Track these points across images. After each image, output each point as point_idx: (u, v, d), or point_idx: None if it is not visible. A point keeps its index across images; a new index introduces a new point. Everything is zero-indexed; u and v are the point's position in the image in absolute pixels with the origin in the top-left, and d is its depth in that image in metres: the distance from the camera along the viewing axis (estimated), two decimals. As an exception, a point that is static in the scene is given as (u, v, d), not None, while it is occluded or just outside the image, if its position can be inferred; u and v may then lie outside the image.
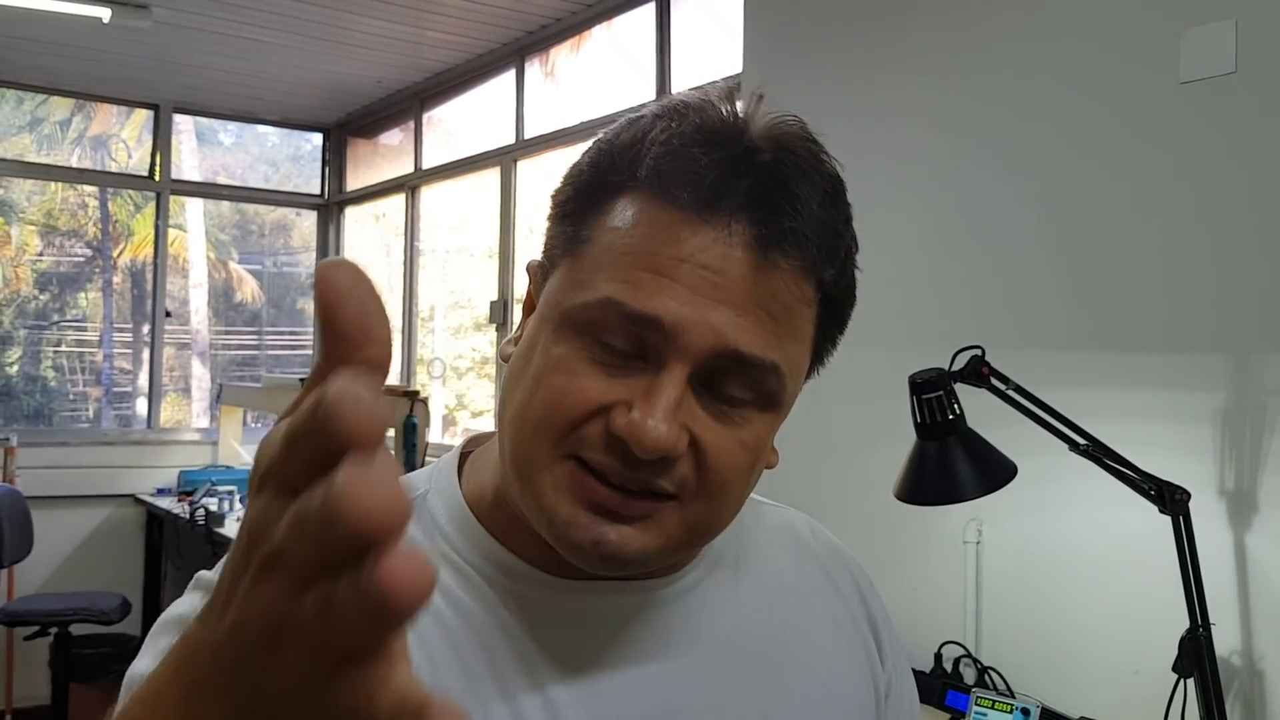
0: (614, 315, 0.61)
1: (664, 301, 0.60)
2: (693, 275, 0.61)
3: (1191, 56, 2.05)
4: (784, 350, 0.64)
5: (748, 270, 0.62)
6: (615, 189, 0.64)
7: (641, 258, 0.61)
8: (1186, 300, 2.06)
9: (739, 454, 0.64)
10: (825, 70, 2.89)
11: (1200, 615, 1.72)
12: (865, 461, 2.61)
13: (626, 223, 0.63)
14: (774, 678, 0.73)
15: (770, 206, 0.62)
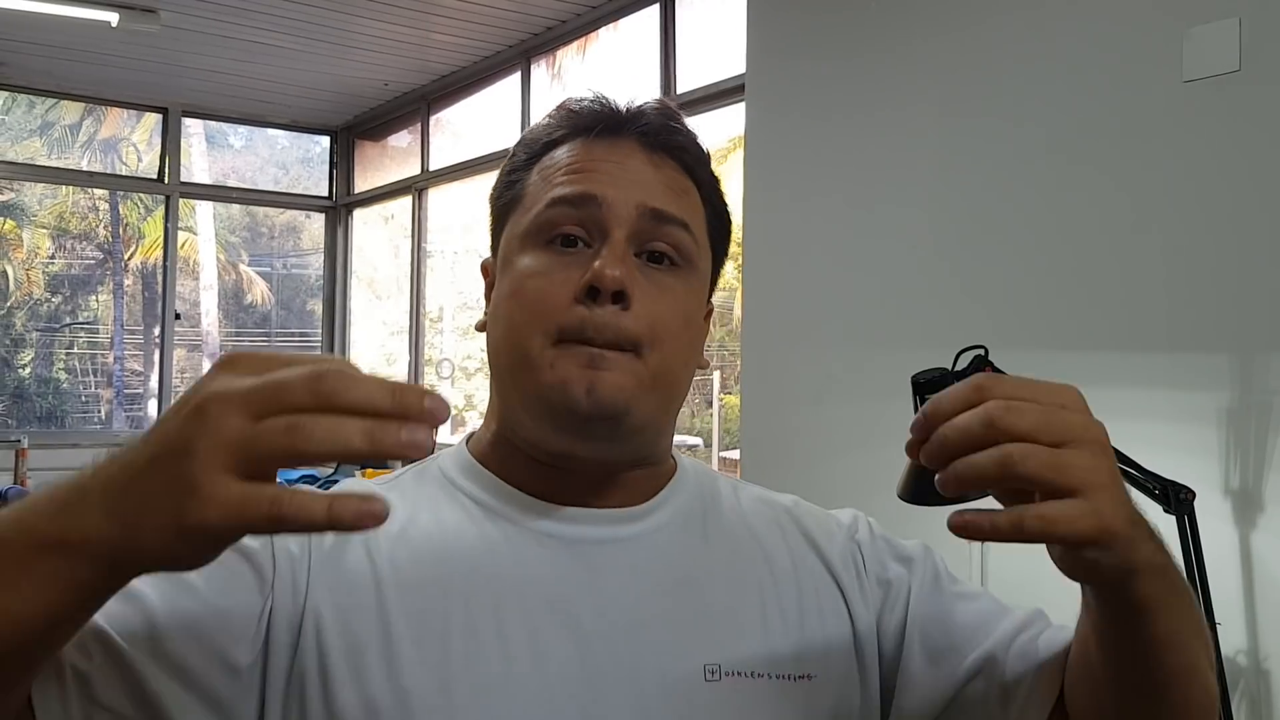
0: (560, 207, 0.79)
1: (593, 184, 0.79)
2: (608, 167, 0.80)
3: (1195, 55, 2.05)
4: (689, 214, 0.82)
5: (645, 163, 0.81)
6: (535, 157, 0.84)
7: (567, 168, 0.81)
8: (1191, 299, 2.06)
9: (672, 306, 0.79)
10: (828, 70, 2.89)
11: (1205, 614, 1.72)
12: (868, 462, 2.61)
13: (551, 160, 0.82)
14: (730, 610, 0.81)
15: (651, 126, 0.82)
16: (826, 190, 2.87)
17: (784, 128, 3.02)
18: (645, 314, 0.77)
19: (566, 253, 0.78)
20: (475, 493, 0.82)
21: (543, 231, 0.79)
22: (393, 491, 0.83)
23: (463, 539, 0.79)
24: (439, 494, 0.83)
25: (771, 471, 2.97)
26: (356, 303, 6.47)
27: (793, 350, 2.91)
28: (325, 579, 0.75)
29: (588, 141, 0.82)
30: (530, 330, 0.77)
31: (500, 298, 0.81)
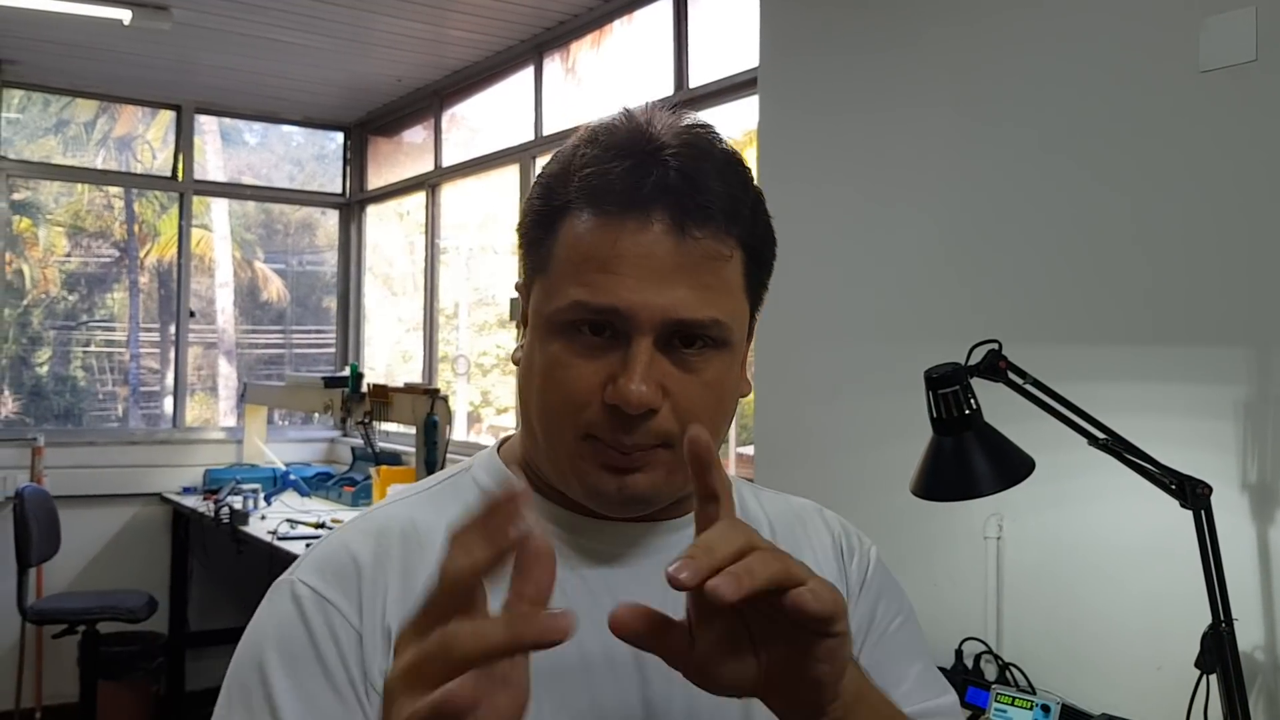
0: (582, 312, 0.78)
1: (616, 293, 0.77)
2: (633, 265, 0.77)
3: (1211, 45, 2.02)
4: (719, 305, 0.79)
5: (672, 247, 0.77)
6: (559, 212, 0.80)
7: (591, 262, 0.78)
8: (1207, 292, 2.03)
9: (704, 393, 0.80)
10: (842, 63, 2.88)
11: (1223, 610, 1.70)
12: (883, 457, 2.60)
13: (574, 237, 0.79)
14: None
15: (677, 192, 0.77)
16: (840, 185, 2.85)
17: (797, 122, 3.01)
18: (678, 410, 0.79)
19: (594, 342, 0.79)
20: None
21: (568, 325, 0.79)
22: (429, 505, 0.88)
23: None
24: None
25: (785, 467, 2.96)
26: (371, 299, 6.48)
27: (806, 346, 2.90)
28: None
29: (609, 221, 0.78)
30: (563, 424, 0.80)
31: (533, 369, 0.82)
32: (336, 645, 0.78)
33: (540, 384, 0.81)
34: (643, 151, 0.78)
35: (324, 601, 0.79)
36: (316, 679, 0.77)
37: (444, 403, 4.13)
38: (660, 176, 0.77)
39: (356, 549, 0.82)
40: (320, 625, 0.78)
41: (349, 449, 5.77)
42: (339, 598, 0.79)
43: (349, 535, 0.85)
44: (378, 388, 4.59)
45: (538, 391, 0.81)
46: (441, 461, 4.03)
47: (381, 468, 4.61)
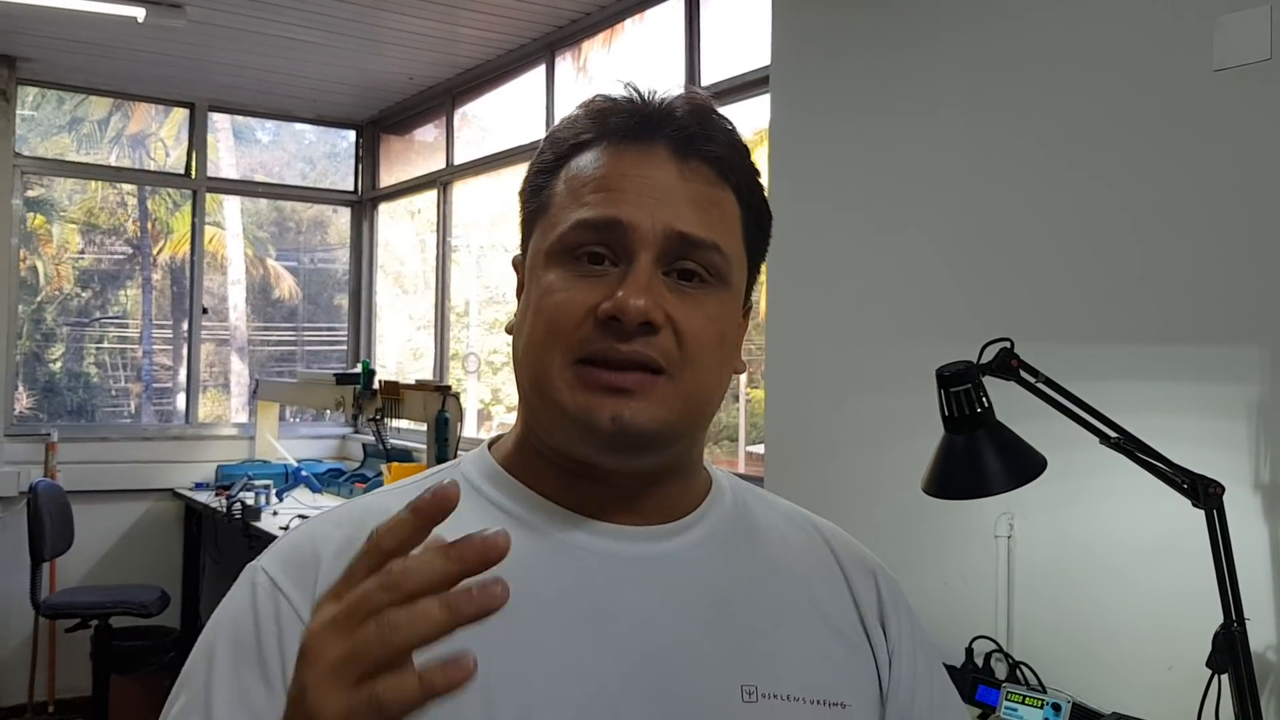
0: (584, 231, 0.77)
1: (619, 207, 0.76)
2: (635, 184, 0.77)
3: (1225, 43, 2.02)
4: (719, 233, 0.78)
5: (675, 172, 0.78)
6: (566, 156, 0.81)
7: (594, 183, 0.78)
8: (1219, 291, 2.03)
9: (706, 324, 0.78)
10: (853, 61, 2.87)
11: (1235, 610, 1.69)
12: (894, 455, 2.60)
13: (578, 169, 0.79)
14: (767, 631, 0.82)
15: (683, 125, 0.79)
16: (851, 184, 2.85)
17: (809, 121, 3.01)
18: (680, 334, 0.76)
19: (592, 270, 0.77)
20: (504, 502, 0.82)
21: (567, 251, 0.77)
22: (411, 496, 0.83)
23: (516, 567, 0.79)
24: (464, 503, 0.81)
25: (796, 466, 2.96)
26: (382, 297, 6.49)
27: (817, 344, 2.90)
28: None
29: (615, 149, 0.79)
30: (550, 348, 0.76)
31: (524, 311, 0.81)
32: (279, 637, 0.75)
33: (531, 318, 0.78)
34: (649, 103, 0.81)
35: (277, 591, 0.77)
36: (252, 670, 0.75)
37: (455, 399, 4.14)
38: (666, 109, 0.80)
39: (321, 540, 0.80)
40: (268, 615, 0.76)
41: (360, 445, 5.78)
42: (293, 589, 0.77)
43: (318, 525, 0.83)
44: (389, 384, 4.60)
45: (528, 328, 0.79)
46: (453, 457, 4.03)
47: (393, 464, 4.62)
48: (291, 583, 0.77)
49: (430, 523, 0.55)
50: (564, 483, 0.81)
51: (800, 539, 0.90)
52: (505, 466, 0.84)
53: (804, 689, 0.80)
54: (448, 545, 0.54)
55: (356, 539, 0.76)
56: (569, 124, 0.83)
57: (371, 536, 0.56)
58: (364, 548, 0.56)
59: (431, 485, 0.80)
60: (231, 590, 0.81)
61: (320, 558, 0.79)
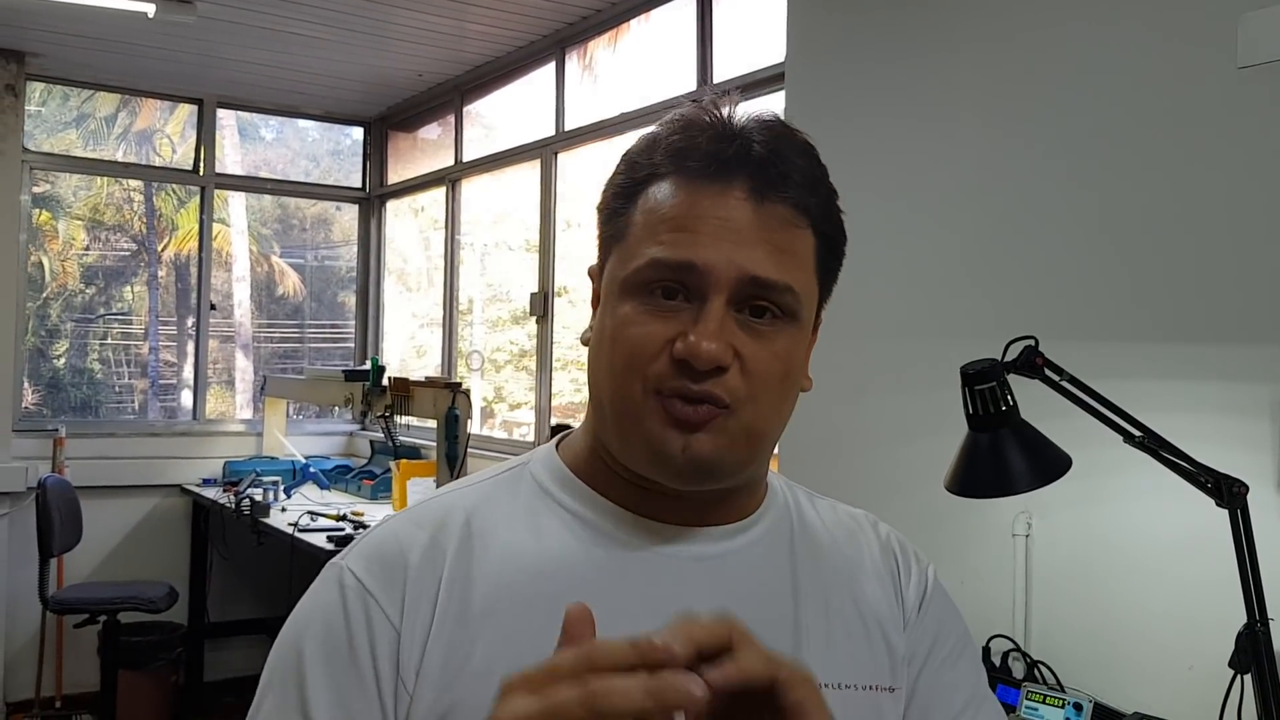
0: (659, 270, 0.78)
1: (693, 250, 0.78)
2: (711, 226, 0.78)
3: (1250, 40, 2.01)
4: (792, 274, 0.80)
5: (750, 214, 0.79)
6: (642, 183, 0.82)
7: (670, 222, 0.79)
8: (1244, 290, 2.03)
9: (773, 362, 0.80)
10: (870, 58, 2.87)
11: (1258, 610, 1.69)
12: (915, 453, 2.59)
13: (654, 203, 0.80)
14: (823, 622, 0.86)
15: (760, 165, 0.79)
16: (871, 182, 2.84)
17: (823, 118, 3.00)
18: (746, 373, 0.79)
19: (665, 305, 0.79)
20: (575, 507, 0.85)
21: (643, 285, 0.79)
22: (487, 497, 0.87)
23: (569, 557, 0.82)
24: (537, 505, 0.85)
25: (813, 465, 2.96)
26: (388, 295, 6.49)
27: (836, 342, 2.87)
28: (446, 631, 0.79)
29: (692, 185, 0.80)
30: (631, 378, 0.79)
31: (603, 336, 0.82)
32: (371, 641, 0.78)
33: (610, 345, 0.81)
34: (726, 128, 0.81)
35: (366, 594, 0.79)
36: (349, 672, 0.77)
37: (465, 396, 4.14)
38: (743, 147, 0.79)
39: (407, 541, 0.82)
40: (359, 618, 0.78)
41: (368, 442, 5.78)
42: (382, 592, 0.79)
43: (403, 525, 0.85)
44: (398, 381, 4.59)
45: (607, 354, 0.81)
46: (462, 455, 4.04)
47: (401, 461, 4.62)
48: (380, 585, 0.80)
49: (650, 666, 0.56)
50: (631, 492, 0.84)
51: (847, 528, 0.96)
52: (575, 471, 0.87)
53: (857, 676, 0.85)
54: (650, 680, 0.55)
55: (441, 539, 0.82)
56: (646, 150, 0.83)
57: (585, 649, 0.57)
58: (575, 654, 0.57)
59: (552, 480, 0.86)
60: (314, 589, 0.83)
61: (407, 560, 0.81)
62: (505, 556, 0.82)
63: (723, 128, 0.81)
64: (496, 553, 0.82)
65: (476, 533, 0.83)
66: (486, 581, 0.81)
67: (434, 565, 0.81)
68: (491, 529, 0.84)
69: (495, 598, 0.80)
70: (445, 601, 0.79)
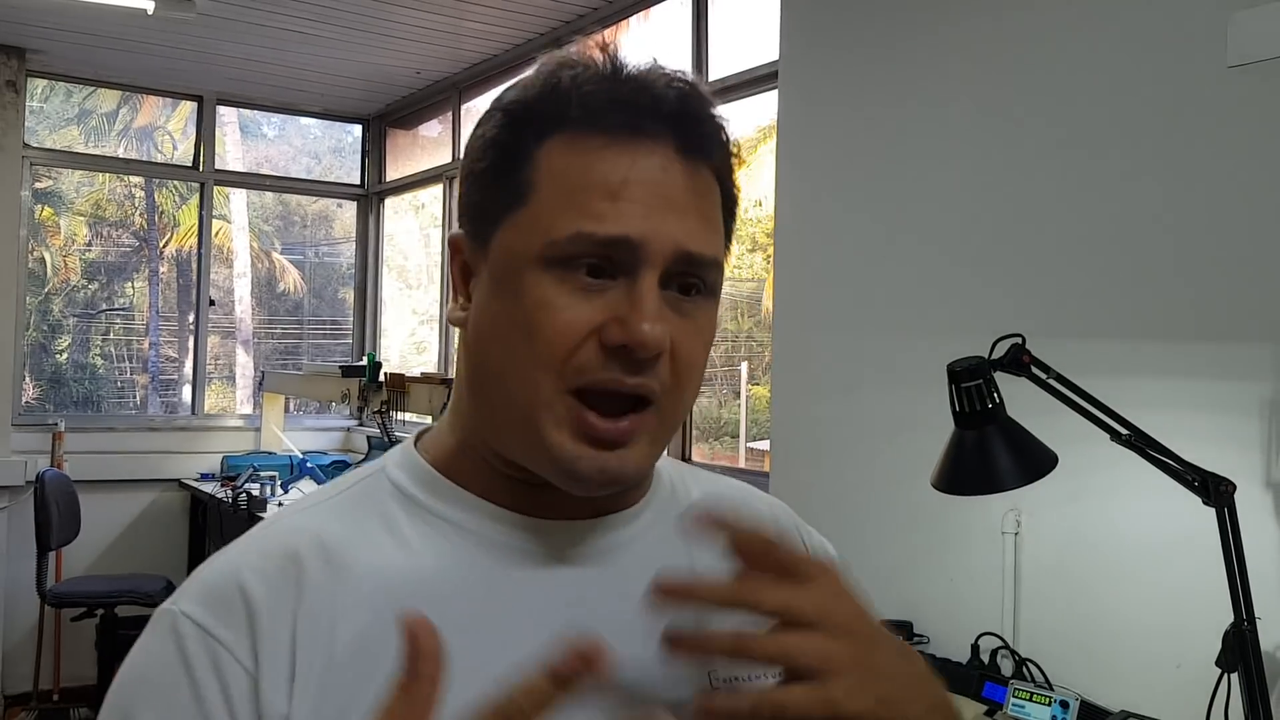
0: (585, 245, 0.68)
1: (627, 221, 0.68)
2: (643, 192, 0.68)
3: (1240, 40, 2.01)
4: (717, 245, 0.73)
5: (681, 177, 0.70)
6: (540, 135, 0.70)
7: (594, 188, 0.68)
8: (1232, 288, 2.03)
9: (698, 344, 0.72)
10: (863, 56, 2.87)
11: (1245, 609, 1.69)
12: (903, 451, 2.59)
13: (568, 162, 0.69)
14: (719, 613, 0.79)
15: (684, 119, 0.70)
16: (861, 178, 2.84)
17: (817, 116, 3.00)
18: (676, 362, 0.71)
19: (590, 284, 0.68)
20: (447, 511, 0.75)
21: (564, 261, 0.68)
22: (339, 516, 0.75)
23: (447, 571, 0.72)
24: (401, 514, 0.75)
25: (802, 462, 2.96)
26: (387, 291, 6.49)
27: (824, 340, 2.89)
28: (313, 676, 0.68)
29: (615, 143, 0.69)
30: (542, 370, 0.69)
31: (504, 321, 0.71)
32: (223, 690, 0.66)
33: (519, 333, 0.69)
34: (637, 75, 0.71)
35: (208, 637, 0.68)
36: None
37: (462, 393, 4.13)
38: (665, 99, 0.70)
39: (248, 575, 0.70)
40: (204, 665, 0.67)
41: (365, 438, 5.79)
42: (227, 633, 0.68)
43: (242, 557, 0.72)
44: (395, 377, 4.60)
45: (514, 343, 0.69)
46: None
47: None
48: (223, 624, 0.68)
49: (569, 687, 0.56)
50: (513, 489, 0.75)
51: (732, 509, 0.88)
52: (442, 470, 0.77)
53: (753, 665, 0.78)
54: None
55: (290, 571, 0.70)
56: (541, 98, 0.71)
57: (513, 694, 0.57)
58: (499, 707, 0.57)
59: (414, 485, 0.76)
60: (142, 645, 0.71)
61: (250, 597, 0.69)
62: (371, 581, 0.71)
63: (634, 74, 0.71)
64: (360, 578, 0.71)
65: (334, 558, 0.71)
66: (354, 614, 0.69)
67: (285, 603, 0.69)
68: (350, 550, 0.72)
69: (366, 633, 0.68)
70: (307, 644, 0.68)
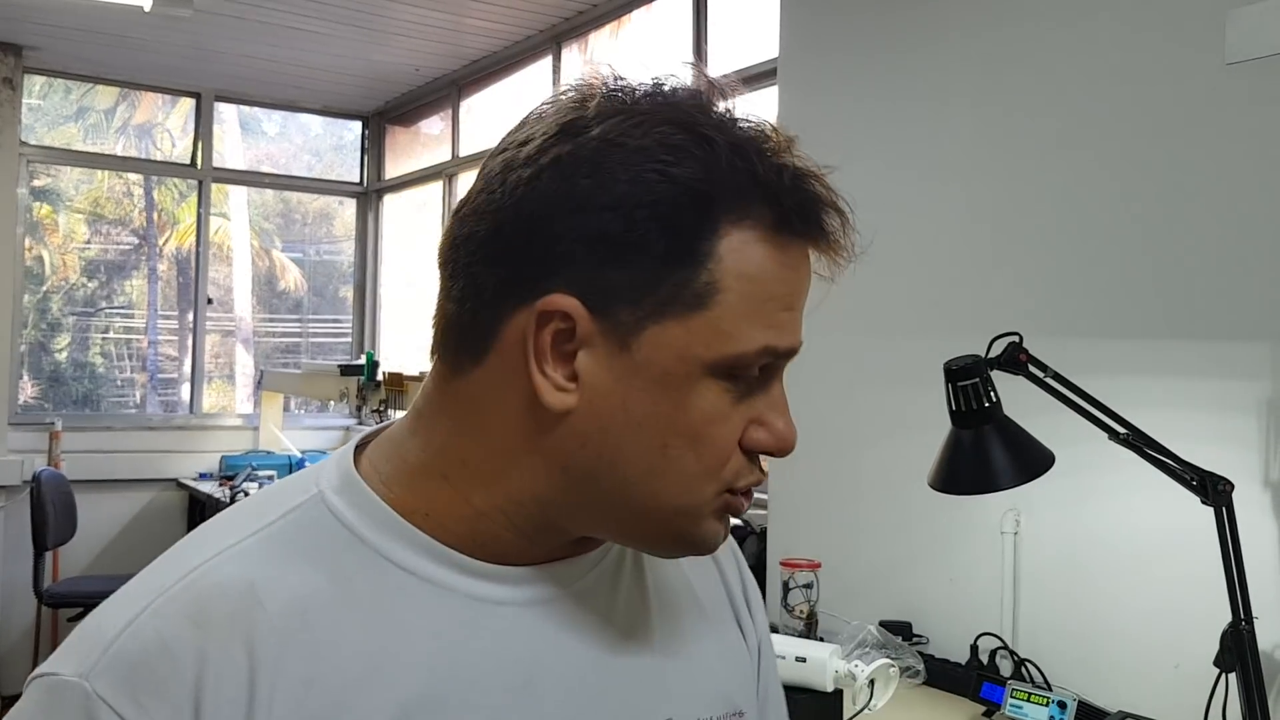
0: (766, 358, 0.65)
1: (797, 330, 0.67)
2: (801, 299, 0.67)
3: (1238, 37, 2.00)
4: None
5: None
6: (719, 226, 0.63)
7: (781, 299, 0.65)
8: (1231, 287, 2.01)
9: None
10: (862, 53, 2.86)
11: (1243, 609, 1.68)
12: (902, 451, 2.58)
13: (752, 266, 0.64)
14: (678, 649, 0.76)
15: (836, 213, 0.66)
16: (859, 177, 2.82)
17: (817, 114, 2.99)
18: None
19: (740, 391, 0.66)
20: (417, 564, 0.66)
21: (735, 370, 0.64)
22: (271, 559, 0.64)
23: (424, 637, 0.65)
24: (347, 555, 0.65)
25: (801, 463, 2.94)
26: (393, 290, 6.48)
27: (822, 339, 2.87)
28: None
29: (792, 245, 0.65)
30: (705, 481, 0.66)
31: (657, 421, 0.64)
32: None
33: (680, 440, 0.64)
34: (794, 159, 0.66)
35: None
36: None
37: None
38: (823, 199, 0.66)
39: (180, 647, 0.59)
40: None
41: (364, 437, 5.78)
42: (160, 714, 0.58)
43: (166, 624, 0.60)
44: (393, 375, 4.60)
45: (667, 447, 0.64)
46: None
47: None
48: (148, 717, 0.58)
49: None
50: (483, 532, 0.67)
51: None
52: (395, 505, 0.67)
53: (712, 704, 0.75)
54: None
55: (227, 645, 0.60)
56: (724, 175, 0.63)
57: None
58: None
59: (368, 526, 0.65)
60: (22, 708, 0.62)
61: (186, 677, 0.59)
62: (335, 660, 0.62)
63: (791, 155, 0.65)
64: (321, 656, 0.61)
65: (279, 624, 0.61)
66: (314, 701, 0.60)
67: (231, 685, 0.59)
68: (299, 615, 0.62)
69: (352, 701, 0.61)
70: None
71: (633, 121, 0.63)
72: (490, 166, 0.68)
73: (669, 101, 0.65)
